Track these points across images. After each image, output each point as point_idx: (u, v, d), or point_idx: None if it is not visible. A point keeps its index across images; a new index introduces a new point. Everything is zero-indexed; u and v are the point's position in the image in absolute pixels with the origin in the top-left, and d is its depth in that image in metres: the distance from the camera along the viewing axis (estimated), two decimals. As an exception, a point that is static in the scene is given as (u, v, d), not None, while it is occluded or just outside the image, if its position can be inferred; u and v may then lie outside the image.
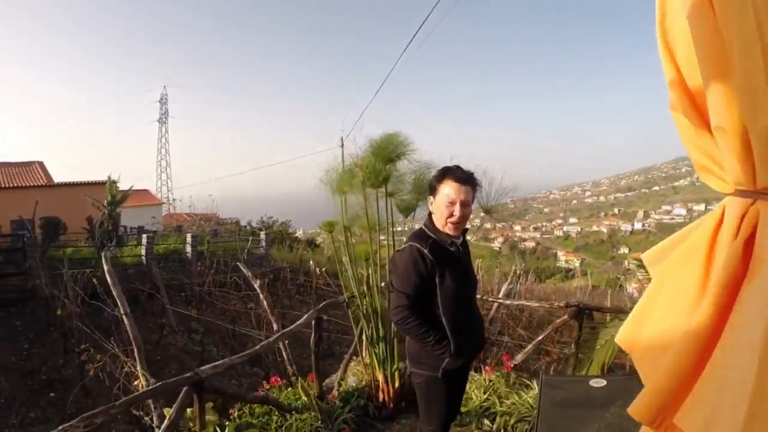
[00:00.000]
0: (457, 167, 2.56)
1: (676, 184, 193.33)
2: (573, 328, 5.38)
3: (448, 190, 2.49)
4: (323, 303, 5.24)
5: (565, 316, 5.24)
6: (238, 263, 7.69)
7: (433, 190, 2.57)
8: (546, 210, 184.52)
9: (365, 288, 4.42)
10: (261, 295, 5.93)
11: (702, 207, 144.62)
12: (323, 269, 14.03)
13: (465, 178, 2.52)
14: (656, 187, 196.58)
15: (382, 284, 4.28)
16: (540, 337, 5.71)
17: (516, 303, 8.51)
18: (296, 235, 27.89)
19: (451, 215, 2.49)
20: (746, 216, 0.97)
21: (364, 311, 4.37)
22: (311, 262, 15.90)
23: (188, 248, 16.18)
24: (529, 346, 5.61)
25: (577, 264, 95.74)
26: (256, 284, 5.94)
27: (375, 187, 3.75)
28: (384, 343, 4.29)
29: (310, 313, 4.74)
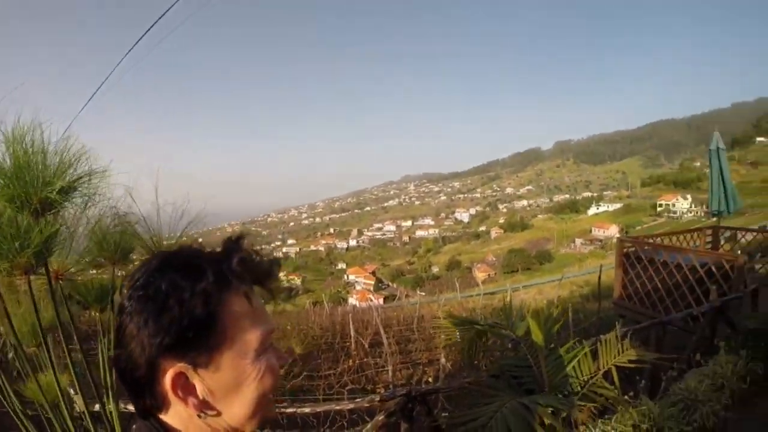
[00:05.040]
0: (238, 243, 0.84)
1: (385, 204, 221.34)
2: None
3: (257, 313, 0.82)
4: None
5: (381, 417, 3.54)
6: None
7: (200, 326, 0.74)
8: (265, 233, 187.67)
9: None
10: None
11: (409, 223, 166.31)
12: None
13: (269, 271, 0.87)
14: (368, 208, 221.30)
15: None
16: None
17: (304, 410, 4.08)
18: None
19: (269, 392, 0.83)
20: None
21: None
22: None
23: None
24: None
25: (299, 282, 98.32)
26: None
27: (14, 265, 1.41)
28: None
29: None
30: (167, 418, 0.78)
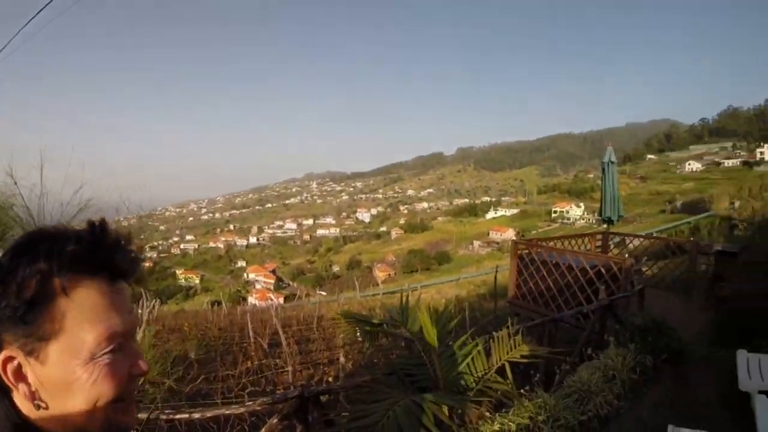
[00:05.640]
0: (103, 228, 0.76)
1: (287, 201, 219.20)
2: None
3: (102, 309, 0.74)
4: None
5: (275, 420, 3.44)
6: None
7: (29, 312, 0.69)
8: (162, 228, 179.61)
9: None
10: None
11: (311, 221, 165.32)
12: None
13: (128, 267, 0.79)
14: (269, 205, 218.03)
15: None
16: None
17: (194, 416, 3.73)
18: None
19: (108, 399, 0.74)
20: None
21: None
22: None
23: None
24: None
25: (197, 281, 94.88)
26: None
27: None
28: None
29: None
30: (17, 400, 0.73)
